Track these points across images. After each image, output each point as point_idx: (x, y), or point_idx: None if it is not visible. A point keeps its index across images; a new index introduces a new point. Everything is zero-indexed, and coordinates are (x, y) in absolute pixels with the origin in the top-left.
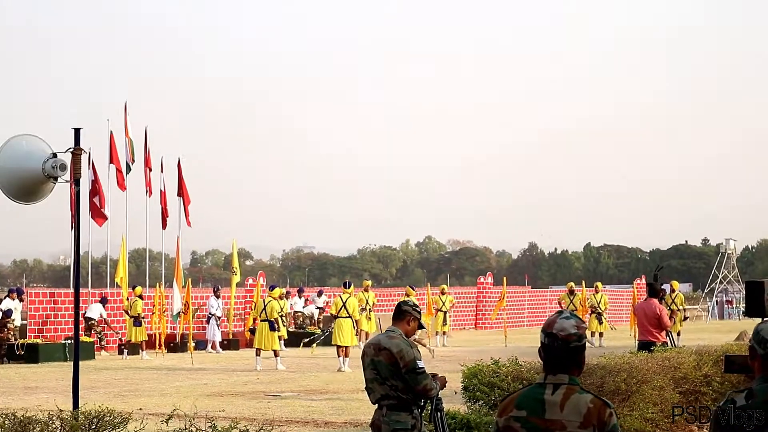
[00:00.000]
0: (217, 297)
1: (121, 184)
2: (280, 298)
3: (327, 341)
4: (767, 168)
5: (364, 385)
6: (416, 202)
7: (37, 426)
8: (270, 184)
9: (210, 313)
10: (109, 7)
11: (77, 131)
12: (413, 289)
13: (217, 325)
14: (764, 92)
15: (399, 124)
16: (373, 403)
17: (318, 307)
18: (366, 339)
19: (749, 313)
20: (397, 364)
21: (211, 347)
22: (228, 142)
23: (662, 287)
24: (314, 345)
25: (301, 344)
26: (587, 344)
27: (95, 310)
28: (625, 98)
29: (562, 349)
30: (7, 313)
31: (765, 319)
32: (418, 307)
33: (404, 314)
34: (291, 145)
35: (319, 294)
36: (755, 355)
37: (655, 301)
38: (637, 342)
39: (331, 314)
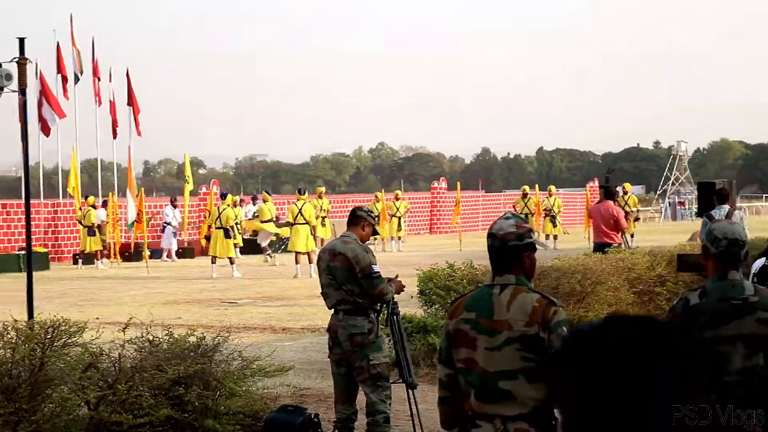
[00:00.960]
0: (174, 207)
1: (65, 94)
2: (234, 205)
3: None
4: (717, 68)
5: (320, 291)
6: (369, 107)
7: None
8: (222, 94)
9: (165, 222)
10: None
11: (21, 41)
12: (382, 194)
13: (174, 234)
14: None
15: (353, 22)
16: (329, 308)
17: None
18: (321, 245)
19: (701, 213)
20: (353, 268)
21: (167, 256)
22: (178, 51)
23: (616, 189)
24: (274, 255)
25: (263, 257)
26: (541, 247)
27: (98, 217)
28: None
29: (502, 248)
30: None
31: (705, 217)
32: (372, 212)
33: (359, 219)
34: (242, 51)
35: (254, 200)
36: (708, 255)
37: (611, 203)
38: (592, 244)
39: (288, 221)
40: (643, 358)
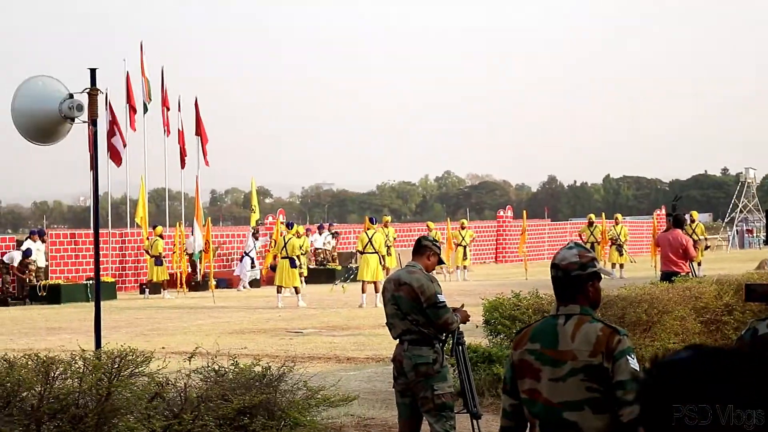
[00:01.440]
0: (256, 238)
1: (132, 125)
2: (299, 235)
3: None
4: None
5: (386, 321)
6: (435, 136)
7: (60, 366)
8: (289, 121)
9: (245, 252)
10: None
11: (93, 71)
12: (432, 224)
13: (252, 265)
14: None
15: (415, 58)
16: (395, 338)
17: (320, 246)
18: (387, 274)
19: None
20: (418, 298)
21: (242, 286)
22: (246, 80)
23: (684, 217)
24: (345, 284)
25: (332, 287)
26: (606, 276)
27: (250, 246)
28: (644, 33)
29: (565, 278)
30: (27, 253)
31: None
32: (437, 242)
33: (424, 249)
34: (310, 82)
35: (320, 229)
36: None
37: (680, 231)
38: (659, 272)
39: (357, 250)
40: (734, 390)
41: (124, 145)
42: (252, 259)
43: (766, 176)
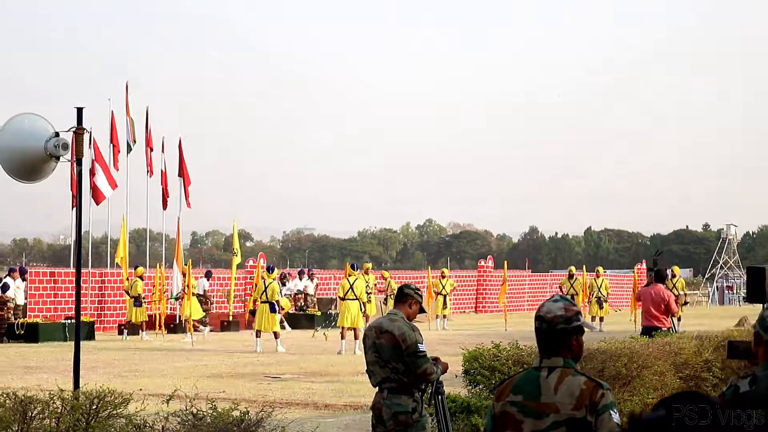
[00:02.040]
0: (310, 279)
1: (116, 164)
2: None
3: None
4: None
5: (365, 368)
6: (417, 185)
7: (38, 405)
8: (270, 165)
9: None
10: None
11: (80, 110)
12: (447, 270)
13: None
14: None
15: (398, 111)
16: (374, 386)
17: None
18: (367, 322)
19: (750, 298)
20: (400, 346)
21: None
22: (229, 124)
23: (666, 272)
24: (327, 330)
25: (314, 332)
26: (589, 329)
27: (201, 285)
28: (623, 87)
29: (550, 331)
30: (4, 288)
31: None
32: (419, 290)
33: (406, 297)
34: (293, 126)
35: (300, 274)
36: (760, 341)
37: (662, 286)
38: (641, 327)
39: (339, 297)
40: None
41: (114, 187)
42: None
43: (747, 233)
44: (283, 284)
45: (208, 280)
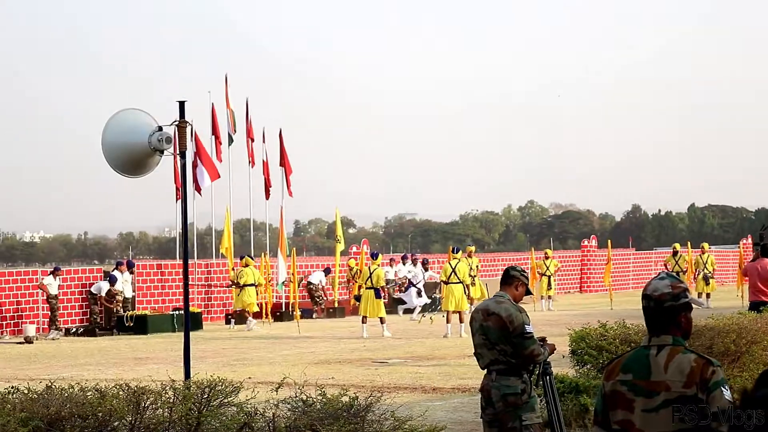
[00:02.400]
0: (426, 269)
1: (219, 156)
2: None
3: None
4: None
5: (473, 351)
6: (518, 165)
7: (150, 396)
8: (371, 151)
9: (411, 282)
10: None
11: (182, 104)
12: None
13: (419, 294)
14: None
15: (495, 93)
16: (482, 368)
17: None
18: (473, 304)
19: None
20: (507, 328)
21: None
22: (330, 111)
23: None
24: (433, 314)
25: (421, 317)
26: (697, 306)
27: (316, 277)
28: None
29: (658, 309)
30: (112, 280)
31: None
32: (525, 272)
33: (512, 279)
34: (392, 113)
35: (404, 260)
36: None
37: (767, 260)
38: (748, 302)
39: (442, 280)
40: None
41: (216, 177)
42: (420, 289)
43: None
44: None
45: (326, 275)
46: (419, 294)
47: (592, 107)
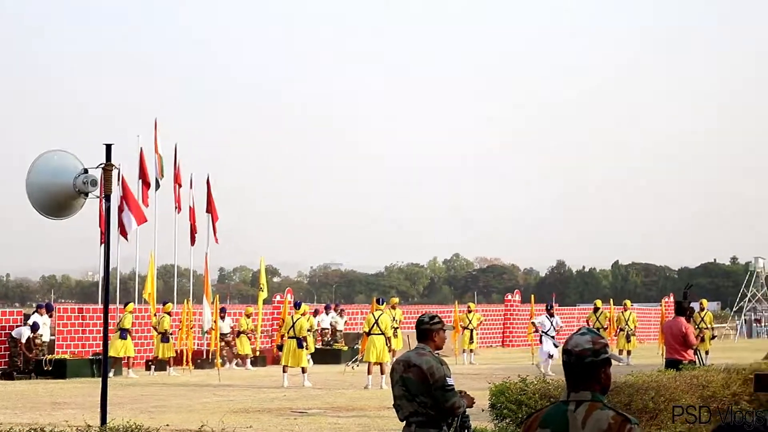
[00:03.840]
0: (551, 315)
1: (145, 200)
2: (306, 314)
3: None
4: None
5: (393, 402)
6: (444, 220)
7: None
8: (298, 201)
9: (543, 332)
10: (139, 24)
11: (108, 147)
12: (600, 303)
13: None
14: None
15: (425, 143)
16: (401, 420)
17: (327, 326)
18: (394, 356)
19: None
20: (428, 380)
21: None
22: (256, 159)
23: (691, 306)
24: (355, 365)
25: (345, 367)
26: (617, 362)
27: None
28: (649, 121)
29: (578, 365)
30: (34, 327)
31: None
32: (435, 317)
33: (428, 332)
34: (321, 162)
35: (327, 309)
36: None
37: (682, 319)
38: (664, 360)
39: (364, 331)
40: None
41: (140, 222)
42: (552, 338)
43: None
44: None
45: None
46: (555, 345)
47: (516, 163)
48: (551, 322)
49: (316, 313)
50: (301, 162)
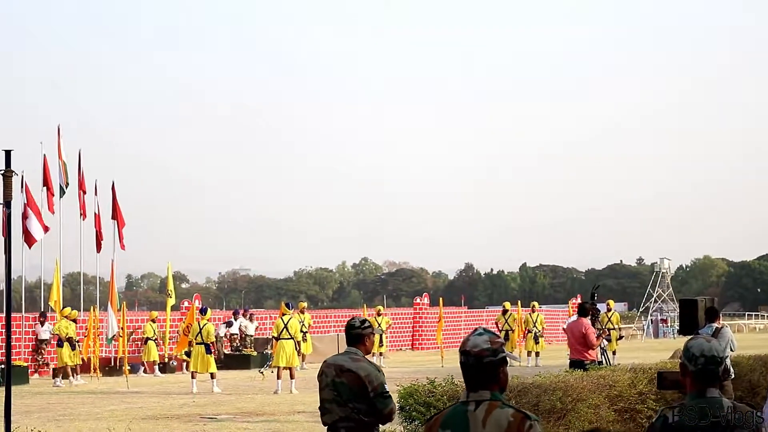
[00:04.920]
0: (250, 320)
1: (51, 208)
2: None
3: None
4: (700, 187)
5: (319, 405)
6: (352, 223)
7: None
8: (206, 207)
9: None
10: (41, 31)
11: (8, 153)
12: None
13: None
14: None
15: (333, 145)
16: (326, 425)
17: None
18: (303, 361)
19: (683, 331)
20: (365, 387)
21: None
22: (164, 165)
23: (595, 306)
24: (265, 369)
25: (259, 371)
26: (511, 360)
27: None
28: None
29: (477, 365)
30: None
31: (694, 335)
32: (366, 321)
33: (359, 337)
34: (227, 167)
35: (235, 315)
36: (686, 372)
37: (584, 320)
38: (568, 360)
39: (273, 336)
40: None
41: (47, 229)
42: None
43: (681, 266)
44: (230, 325)
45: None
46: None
47: (426, 166)
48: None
49: (230, 324)
50: (209, 168)
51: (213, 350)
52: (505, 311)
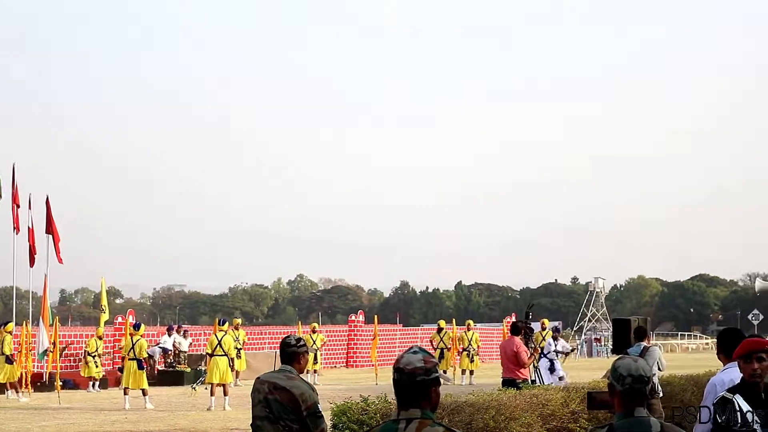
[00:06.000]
0: (556, 339)
1: None
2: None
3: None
4: (635, 208)
5: (251, 422)
6: (288, 240)
7: None
8: (140, 223)
9: (543, 354)
10: None
11: None
12: (444, 323)
13: (551, 369)
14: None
15: (271, 163)
16: None
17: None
18: (237, 377)
19: (617, 350)
20: (299, 406)
21: None
22: (99, 180)
23: (529, 325)
24: (198, 385)
25: (191, 387)
26: (444, 380)
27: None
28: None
29: (410, 383)
30: None
31: (622, 355)
32: (301, 340)
33: (294, 356)
34: (161, 184)
35: (169, 331)
36: (614, 392)
37: (516, 338)
38: (501, 379)
39: (207, 353)
40: None
41: None
42: (551, 361)
43: (615, 286)
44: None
45: (556, 339)
46: (551, 369)
47: (359, 184)
48: (555, 345)
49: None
50: (145, 184)
51: (145, 366)
52: (440, 329)
